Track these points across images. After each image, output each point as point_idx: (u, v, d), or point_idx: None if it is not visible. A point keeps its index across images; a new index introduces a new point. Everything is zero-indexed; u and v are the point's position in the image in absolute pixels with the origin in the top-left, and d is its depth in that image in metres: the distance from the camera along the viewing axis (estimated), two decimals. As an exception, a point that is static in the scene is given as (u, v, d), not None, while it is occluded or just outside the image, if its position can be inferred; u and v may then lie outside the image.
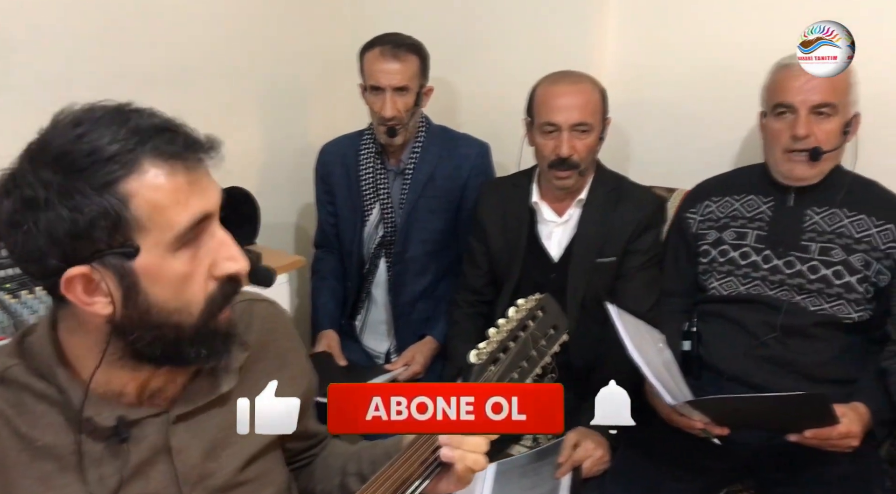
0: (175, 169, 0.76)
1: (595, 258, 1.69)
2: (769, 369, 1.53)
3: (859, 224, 1.54)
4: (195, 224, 0.77)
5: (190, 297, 0.78)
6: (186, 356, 0.80)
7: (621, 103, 2.08)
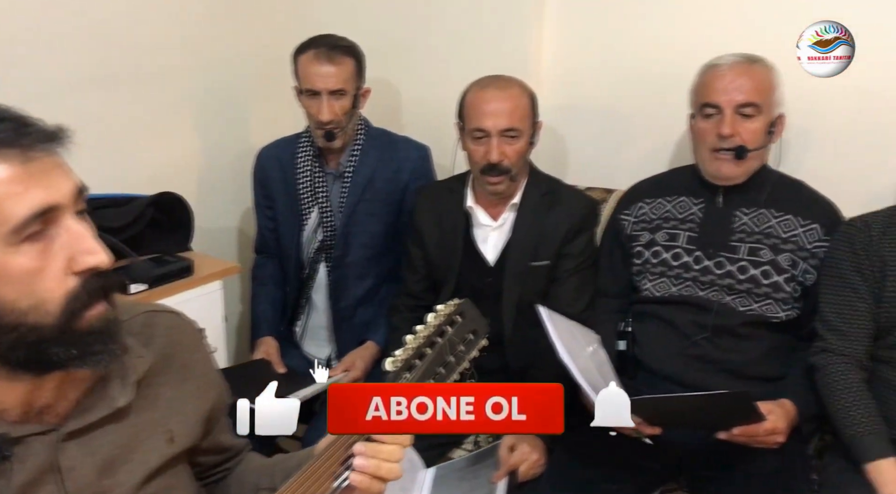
0: (7, 159, 0.72)
1: (529, 262, 1.69)
2: (701, 368, 1.55)
3: (786, 224, 1.58)
4: (35, 217, 0.73)
5: (43, 294, 0.74)
6: (54, 358, 0.76)
7: (560, 106, 2.11)
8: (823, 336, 1.47)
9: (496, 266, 1.72)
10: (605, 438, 1.48)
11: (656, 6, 1.90)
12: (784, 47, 1.68)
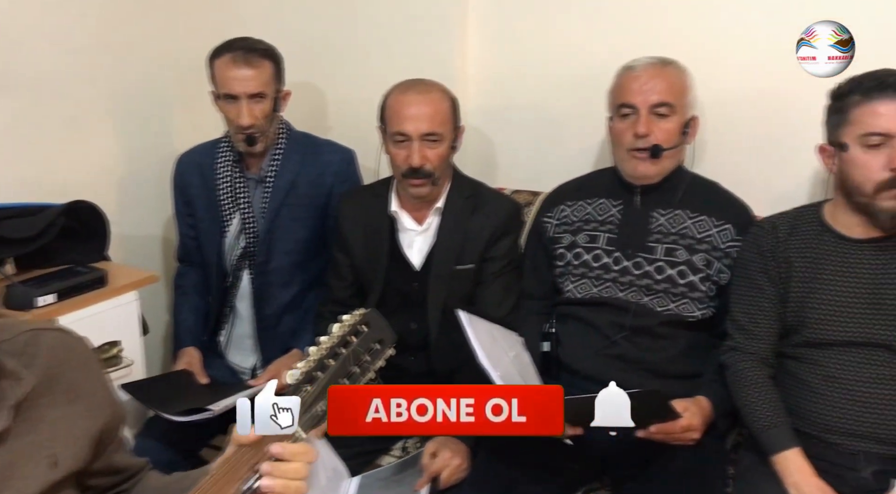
0: None
1: (454, 266, 1.69)
2: (620, 367, 1.58)
3: (701, 225, 1.61)
4: None
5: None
6: None
7: (487, 109, 2.12)
8: (732, 335, 1.51)
9: (422, 271, 1.71)
10: (528, 439, 1.51)
11: (578, 10, 1.92)
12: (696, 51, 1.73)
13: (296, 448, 0.90)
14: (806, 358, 1.44)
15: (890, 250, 1.39)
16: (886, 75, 1.33)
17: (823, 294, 1.42)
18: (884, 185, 1.32)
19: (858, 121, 1.34)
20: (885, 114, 1.31)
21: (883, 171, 1.32)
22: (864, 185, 1.35)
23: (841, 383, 1.39)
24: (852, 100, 1.36)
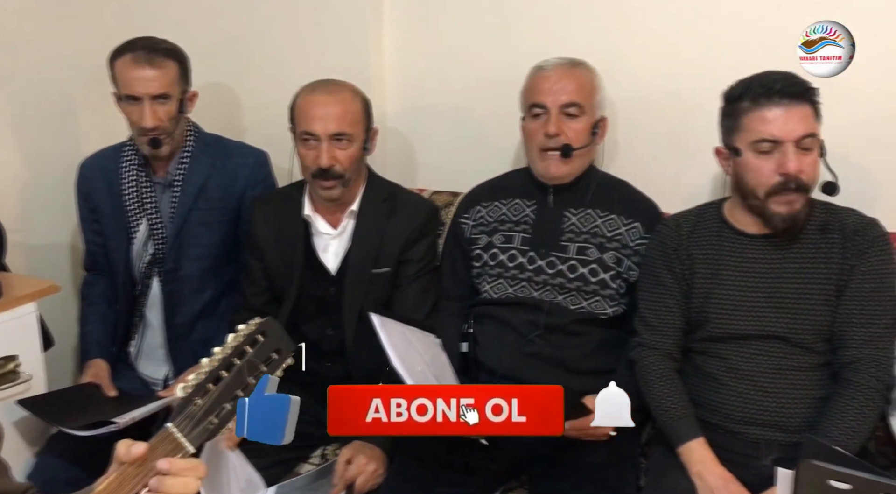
0: None
1: (370, 269, 1.67)
2: (536, 365, 1.59)
3: (611, 223, 1.64)
4: None
5: None
6: None
7: (406, 110, 2.11)
8: (639, 332, 1.54)
9: (338, 275, 1.69)
10: (444, 441, 1.51)
11: (494, 12, 1.93)
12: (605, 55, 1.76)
13: (183, 463, 0.87)
14: (710, 352, 1.49)
15: (784, 247, 1.44)
16: (773, 81, 1.37)
17: (724, 290, 1.47)
18: (775, 189, 1.37)
19: (749, 127, 1.38)
20: (773, 120, 1.35)
21: (773, 175, 1.37)
22: (757, 189, 1.40)
23: (743, 374, 1.44)
24: (742, 106, 1.40)
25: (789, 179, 1.36)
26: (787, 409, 1.41)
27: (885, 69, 1.60)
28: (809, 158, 1.37)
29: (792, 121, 1.35)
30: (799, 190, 1.37)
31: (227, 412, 0.95)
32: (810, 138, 1.36)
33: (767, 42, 1.66)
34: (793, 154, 1.35)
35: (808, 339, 1.41)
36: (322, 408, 1.70)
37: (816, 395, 1.41)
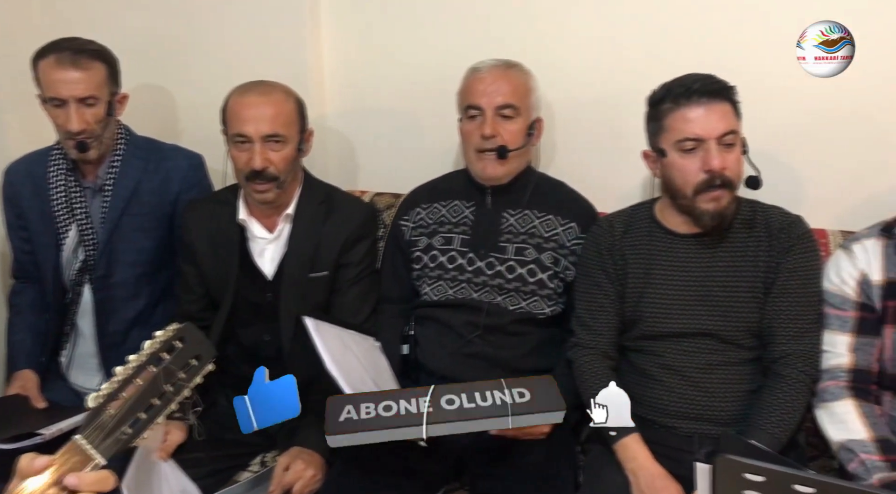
0: None
1: (308, 274, 1.65)
2: (475, 365, 1.59)
3: (548, 224, 1.65)
4: None
5: None
6: None
7: (347, 111, 2.09)
8: (575, 332, 1.56)
9: (274, 280, 1.66)
10: (384, 444, 1.50)
11: (432, 13, 1.93)
12: (551, 52, 1.77)
13: (92, 477, 0.84)
14: (644, 350, 1.51)
15: (713, 246, 1.47)
16: (692, 81, 1.40)
17: (657, 289, 1.49)
18: (701, 186, 1.40)
19: (672, 127, 1.41)
20: (695, 119, 1.38)
21: (699, 173, 1.39)
22: (685, 188, 1.42)
23: (676, 370, 1.46)
24: (665, 107, 1.42)
25: (714, 176, 1.38)
26: (719, 403, 1.44)
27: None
28: (732, 154, 1.40)
29: (713, 119, 1.38)
30: (724, 186, 1.39)
31: (143, 422, 0.92)
32: (732, 135, 1.39)
33: (701, 44, 1.70)
34: (716, 151, 1.38)
35: (737, 335, 1.44)
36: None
37: (746, 389, 1.44)
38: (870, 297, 1.38)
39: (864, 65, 1.58)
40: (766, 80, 1.66)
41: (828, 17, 1.61)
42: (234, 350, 1.70)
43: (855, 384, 1.37)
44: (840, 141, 1.66)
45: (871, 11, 1.58)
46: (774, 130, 1.68)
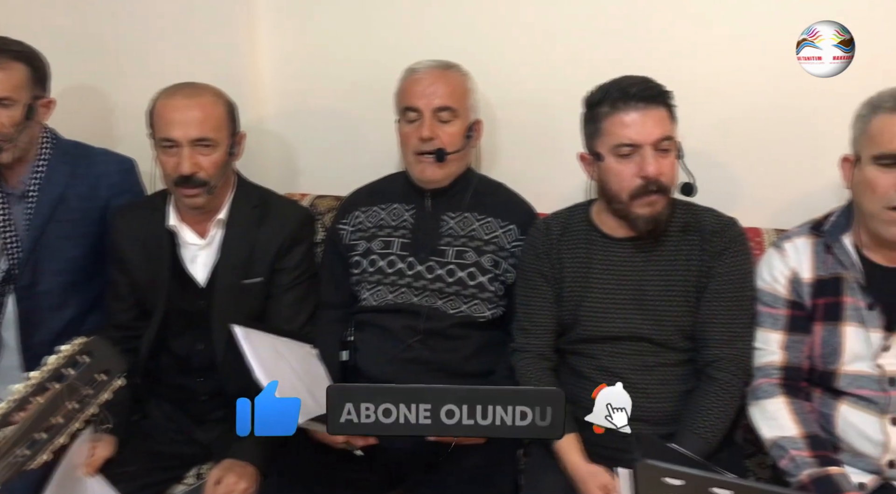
0: None
1: (242, 280, 1.61)
2: (415, 370, 1.57)
3: (488, 226, 1.64)
4: None
5: None
6: None
7: (286, 113, 2.05)
8: (515, 336, 1.55)
9: (207, 287, 1.62)
10: (320, 456, 1.47)
11: (371, 13, 1.90)
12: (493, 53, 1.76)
13: None
14: (582, 352, 1.50)
15: (648, 249, 1.47)
16: (629, 85, 1.39)
17: (593, 293, 1.49)
18: (636, 192, 1.40)
19: (609, 132, 1.41)
20: (631, 124, 1.38)
21: (634, 179, 1.39)
22: (620, 193, 1.42)
23: (613, 373, 1.45)
24: (602, 111, 1.42)
25: (650, 182, 1.39)
26: (655, 404, 1.44)
27: (742, 71, 1.66)
28: (668, 160, 1.40)
29: (649, 124, 1.38)
30: (659, 192, 1.40)
31: (42, 442, 0.87)
32: (667, 141, 1.40)
33: (637, 45, 1.71)
34: (651, 157, 1.38)
35: (671, 338, 1.45)
36: (196, 425, 1.65)
37: (681, 389, 1.45)
38: (800, 295, 1.39)
39: (797, 66, 1.61)
40: (701, 80, 1.67)
41: (759, 17, 1.63)
42: (166, 360, 1.65)
43: (787, 382, 1.39)
44: (775, 141, 1.69)
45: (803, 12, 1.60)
46: (711, 130, 1.70)
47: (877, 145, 1.28)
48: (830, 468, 1.28)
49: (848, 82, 1.49)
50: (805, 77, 1.61)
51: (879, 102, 1.29)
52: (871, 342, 1.32)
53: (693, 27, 1.68)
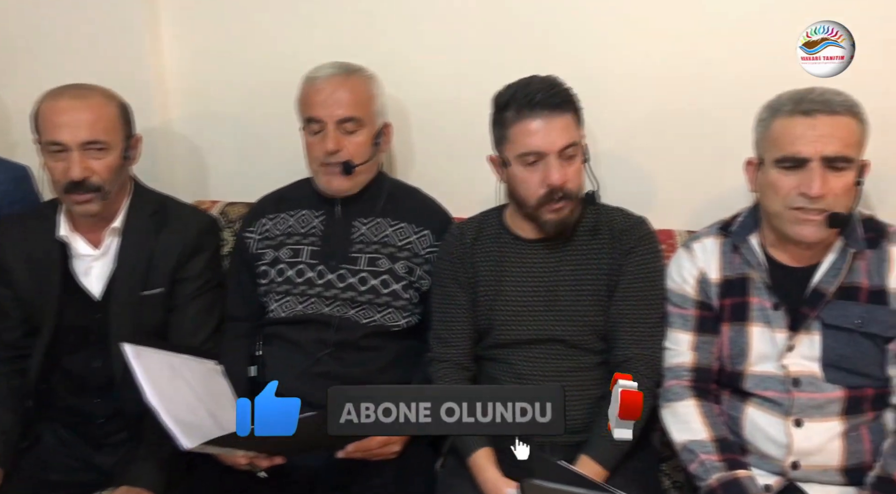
0: None
1: (140, 291, 1.52)
2: (326, 384, 1.48)
3: (402, 232, 1.59)
4: None
5: None
6: None
7: (194, 116, 1.96)
8: (431, 344, 1.51)
9: (103, 300, 1.52)
10: (226, 476, 1.39)
11: (276, 13, 1.83)
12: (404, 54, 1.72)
13: None
14: (497, 358, 1.47)
15: (559, 250, 1.46)
16: (535, 91, 1.37)
17: (507, 296, 1.46)
18: (543, 200, 1.38)
19: (515, 140, 1.38)
20: (537, 133, 1.36)
21: (540, 187, 1.37)
22: (528, 199, 1.40)
23: (527, 378, 1.43)
24: (508, 116, 1.39)
25: (555, 191, 1.37)
26: (570, 411, 1.41)
27: (654, 73, 1.66)
28: (573, 167, 1.39)
29: (553, 132, 1.36)
30: (565, 198, 1.38)
31: None
32: (573, 147, 1.38)
33: (549, 45, 1.69)
34: (556, 166, 1.36)
35: (585, 340, 1.43)
36: (94, 450, 1.55)
37: (597, 394, 1.43)
38: (708, 295, 1.40)
39: (711, 69, 1.62)
40: (613, 82, 1.67)
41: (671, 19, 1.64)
42: (59, 380, 1.54)
43: (696, 384, 1.38)
44: (686, 143, 1.69)
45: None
46: (623, 132, 1.70)
47: (778, 149, 1.29)
48: (738, 471, 1.28)
49: (755, 85, 1.50)
50: (714, 80, 1.63)
51: (778, 106, 1.30)
52: (777, 342, 1.33)
53: (605, 29, 1.67)
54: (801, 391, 1.30)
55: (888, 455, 1.25)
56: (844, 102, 1.27)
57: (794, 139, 1.27)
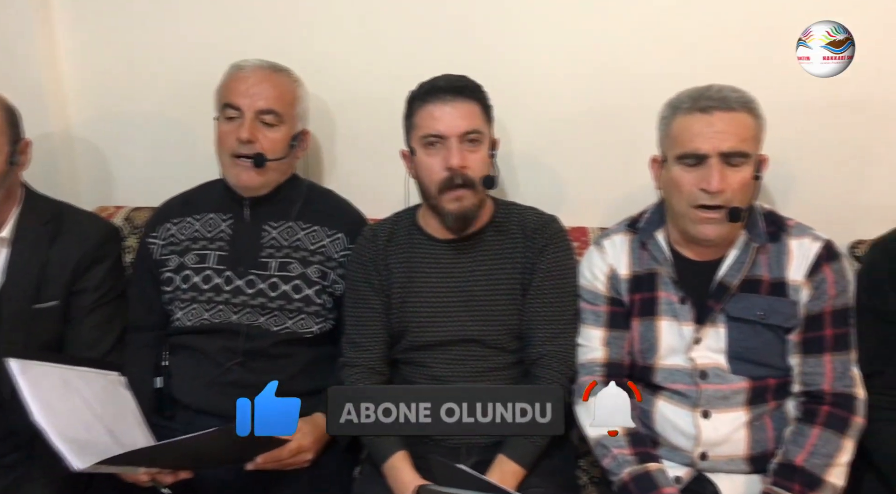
0: None
1: (32, 304, 1.43)
2: (235, 394, 1.39)
3: (314, 236, 1.55)
4: None
5: None
6: None
7: (97, 118, 1.87)
8: (344, 350, 1.48)
9: (-7, 314, 1.43)
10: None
11: (190, 7, 1.76)
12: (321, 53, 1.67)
13: None
14: (413, 361, 1.45)
15: (472, 251, 1.45)
16: (439, 79, 1.38)
17: (421, 298, 1.44)
18: (444, 185, 1.37)
19: (419, 125, 1.38)
20: (439, 117, 1.36)
21: (441, 171, 1.37)
22: (430, 186, 1.39)
23: (443, 380, 1.42)
24: (415, 105, 1.39)
25: (455, 174, 1.36)
26: (482, 412, 1.40)
27: (566, 74, 1.68)
28: (477, 154, 1.38)
29: (456, 116, 1.35)
30: (466, 185, 1.37)
31: None
32: (476, 134, 1.38)
33: (466, 44, 1.68)
34: (456, 149, 1.35)
35: (500, 339, 1.42)
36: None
37: (513, 395, 1.42)
38: (618, 291, 1.41)
39: (620, 69, 1.64)
40: (528, 82, 1.68)
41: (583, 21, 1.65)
42: (-57, 401, 1.44)
43: (609, 379, 1.38)
44: (598, 141, 1.71)
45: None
46: (537, 132, 1.70)
47: (679, 146, 1.32)
48: (649, 464, 1.29)
49: (663, 84, 1.52)
50: (623, 79, 1.65)
51: (678, 104, 1.33)
52: (684, 335, 1.35)
53: (519, 29, 1.68)
54: (707, 383, 1.32)
55: (789, 442, 1.28)
56: (740, 98, 1.30)
57: (692, 136, 1.29)
